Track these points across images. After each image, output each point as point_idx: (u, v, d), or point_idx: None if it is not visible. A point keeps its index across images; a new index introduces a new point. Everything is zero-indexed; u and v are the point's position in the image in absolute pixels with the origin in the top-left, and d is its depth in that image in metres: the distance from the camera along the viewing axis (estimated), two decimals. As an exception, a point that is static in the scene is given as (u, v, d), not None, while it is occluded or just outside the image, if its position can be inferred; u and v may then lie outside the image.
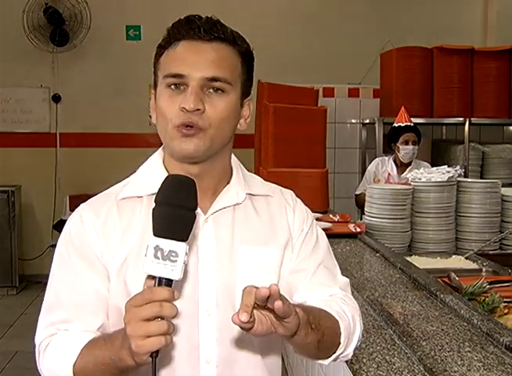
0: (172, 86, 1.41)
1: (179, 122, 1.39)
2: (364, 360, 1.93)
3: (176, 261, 1.17)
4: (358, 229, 3.92)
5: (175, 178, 1.26)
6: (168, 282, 1.18)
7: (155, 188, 1.27)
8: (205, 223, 1.48)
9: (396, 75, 5.81)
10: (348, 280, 1.69)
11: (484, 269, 3.58)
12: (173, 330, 1.17)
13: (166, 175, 1.41)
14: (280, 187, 1.69)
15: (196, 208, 1.22)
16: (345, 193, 5.67)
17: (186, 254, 1.18)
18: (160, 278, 1.18)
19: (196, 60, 1.40)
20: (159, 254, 1.17)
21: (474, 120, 5.84)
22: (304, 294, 1.54)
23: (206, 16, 1.43)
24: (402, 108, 4.89)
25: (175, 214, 1.19)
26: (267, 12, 7.15)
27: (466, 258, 3.82)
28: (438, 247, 4.04)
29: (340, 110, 6.27)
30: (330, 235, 3.86)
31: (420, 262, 3.64)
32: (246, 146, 6.30)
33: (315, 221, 1.70)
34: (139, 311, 1.16)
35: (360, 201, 4.64)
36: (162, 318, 1.15)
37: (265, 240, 1.52)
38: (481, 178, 5.74)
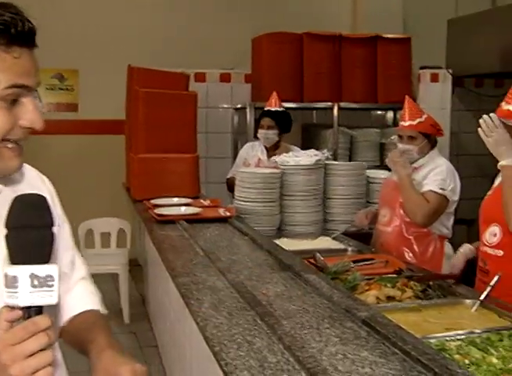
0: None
1: None
2: (225, 342, 1.92)
3: (53, 285, 1.09)
4: (228, 214, 3.93)
5: (20, 199, 1.14)
6: (39, 309, 1.09)
7: None
8: None
9: (267, 61, 5.86)
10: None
11: (349, 249, 3.69)
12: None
13: None
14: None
15: (52, 224, 1.12)
16: (218, 177, 5.67)
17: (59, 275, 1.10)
18: (34, 307, 1.08)
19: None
20: (35, 282, 1.07)
21: (342, 104, 6.01)
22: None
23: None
24: (274, 93, 4.93)
25: (31, 236, 1.09)
26: (138, -5, 7.01)
27: (333, 238, 3.93)
28: (307, 229, 4.13)
29: (211, 95, 6.27)
30: (200, 220, 3.86)
31: (289, 243, 3.70)
32: (116, 132, 6.20)
33: None
34: (23, 347, 1.05)
35: (231, 186, 4.65)
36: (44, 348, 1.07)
37: None
38: (350, 161, 5.91)
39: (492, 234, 2.84)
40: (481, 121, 2.77)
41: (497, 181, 3.04)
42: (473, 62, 6.14)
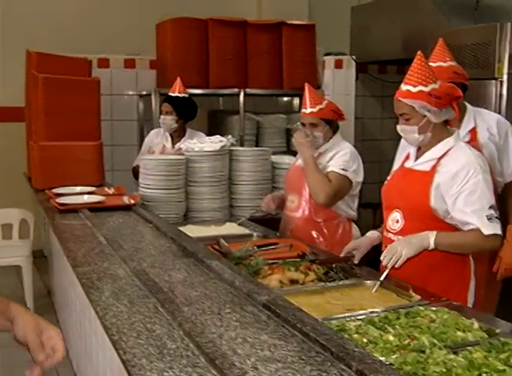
0: None
1: None
2: (124, 330, 1.89)
3: None
4: (132, 202, 3.86)
5: None
6: None
7: None
8: None
9: (171, 46, 5.79)
10: None
11: (255, 234, 3.71)
12: None
13: None
14: None
15: None
16: (124, 165, 5.55)
17: None
18: None
19: None
20: None
21: (248, 91, 6.01)
22: None
23: None
24: (178, 79, 4.87)
25: None
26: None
27: (239, 224, 3.94)
28: (213, 216, 4.12)
29: (116, 81, 6.14)
30: (103, 208, 3.79)
31: (194, 230, 3.69)
32: (15, 119, 5.98)
33: None
34: None
35: (137, 173, 4.57)
36: None
37: None
38: (257, 146, 5.93)
39: (394, 220, 2.89)
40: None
41: (395, 165, 3.11)
42: (376, 49, 6.27)
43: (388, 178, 3.06)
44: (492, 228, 2.63)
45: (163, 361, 1.67)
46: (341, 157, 3.61)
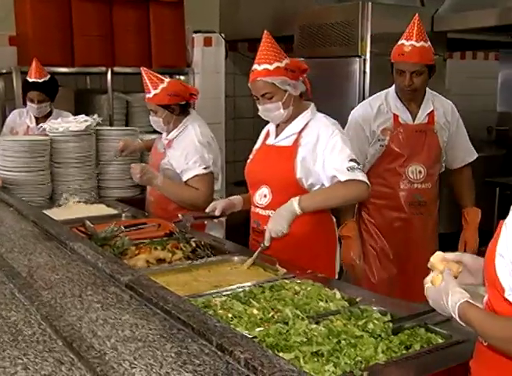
0: None
1: None
2: (-23, 320, 1.80)
3: None
4: (-9, 185, 3.69)
5: None
6: None
7: None
8: None
9: (32, 22, 5.50)
10: None
11: (124, 215, 3.64)
12: None
13: None
14: None
15: None
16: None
17: None
18: None
19: None
20: None
21: (116, 69, 5.84)
22: None
23: None
24: (34, 62, 4.59)
25: None
26: None
27: (108, 205, 3.86)
28: (81, 197, 4.00)
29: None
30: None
31: (61, 213, 3.58)
32: None
33: None
34: None
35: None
36: None
37: None
38: (127, 126, 5.80)
39: (261, 195, 2.93)
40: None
41: (257, 143, 3.14)
42: (245, 27, 6.28)
43: (250, 156, 3.09)
44: (349, 175, 2.69)
45: (17, 348, 1.60)
46: (195, 157, 3.45)
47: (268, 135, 3.03)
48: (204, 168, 3.46)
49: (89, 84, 6.42)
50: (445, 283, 1.59)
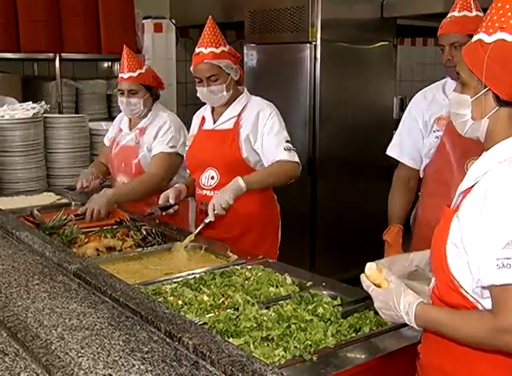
0: None
1: None
2: None
3: None
4: None
5: None
6: None
7: None
8: None
9: (-25, 7, 5.37)
10: None
11: (73, 203, 3.58)
12: None
13: None
14: None
15: None
16: None
17: None
18: None
19: None
20: None
21: (64, 55, 5.73)
22: None
23: None
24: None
25: None
26: None
27: (58, 193, 3.79)
28: (29, 186, 3.95)
29: None
30: None
31: (8, 202, 3.51)
32: None
33: None
34: None
35: None
36: None
37: None
38: (77, 114, 5.70)
39: (208, 177, 2.97)
40: None
41: (193, 130, 3.16)
42: (195, 13, 6.21)
43: (188, 143, 3.11)
44: (286, 155, 2.85)
45: (-40, 340, 1.56)
46: (167, 134, 3.41)
47: (204, 120, 3.10)
48: (171, 147, 3.38)
49: (37, 70, 6.29)
50: (395, 285, 1.57)
